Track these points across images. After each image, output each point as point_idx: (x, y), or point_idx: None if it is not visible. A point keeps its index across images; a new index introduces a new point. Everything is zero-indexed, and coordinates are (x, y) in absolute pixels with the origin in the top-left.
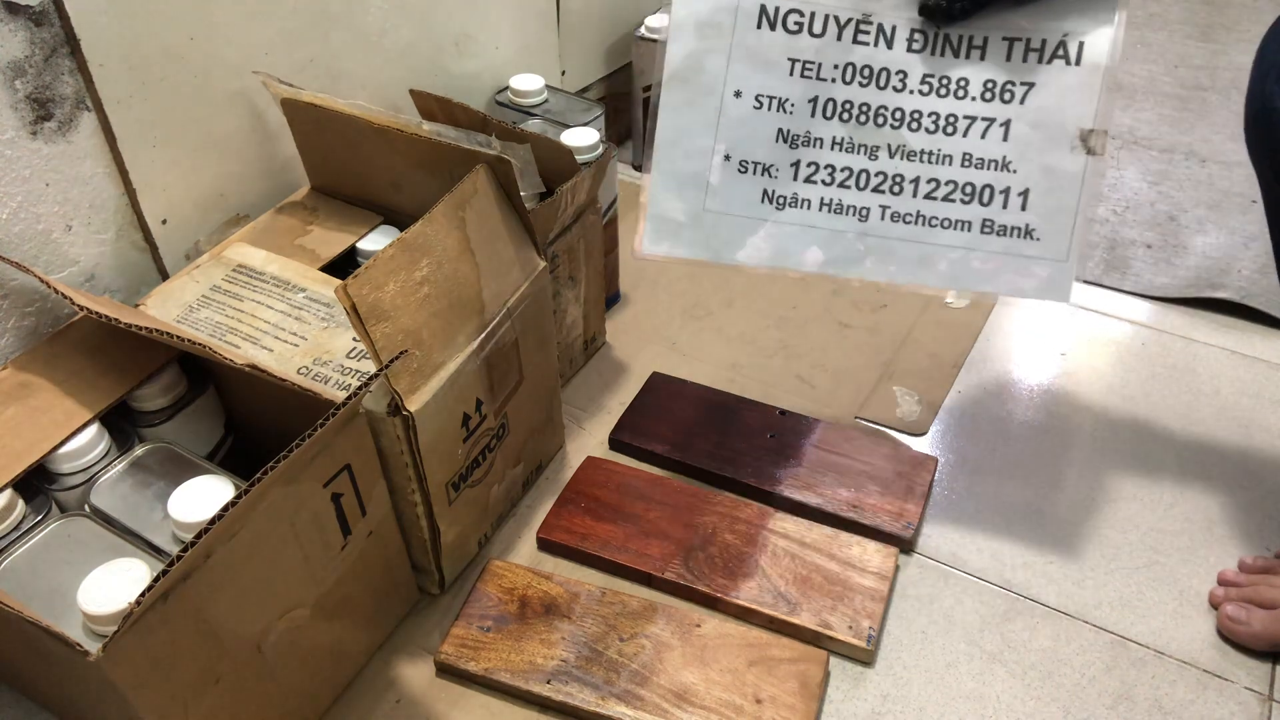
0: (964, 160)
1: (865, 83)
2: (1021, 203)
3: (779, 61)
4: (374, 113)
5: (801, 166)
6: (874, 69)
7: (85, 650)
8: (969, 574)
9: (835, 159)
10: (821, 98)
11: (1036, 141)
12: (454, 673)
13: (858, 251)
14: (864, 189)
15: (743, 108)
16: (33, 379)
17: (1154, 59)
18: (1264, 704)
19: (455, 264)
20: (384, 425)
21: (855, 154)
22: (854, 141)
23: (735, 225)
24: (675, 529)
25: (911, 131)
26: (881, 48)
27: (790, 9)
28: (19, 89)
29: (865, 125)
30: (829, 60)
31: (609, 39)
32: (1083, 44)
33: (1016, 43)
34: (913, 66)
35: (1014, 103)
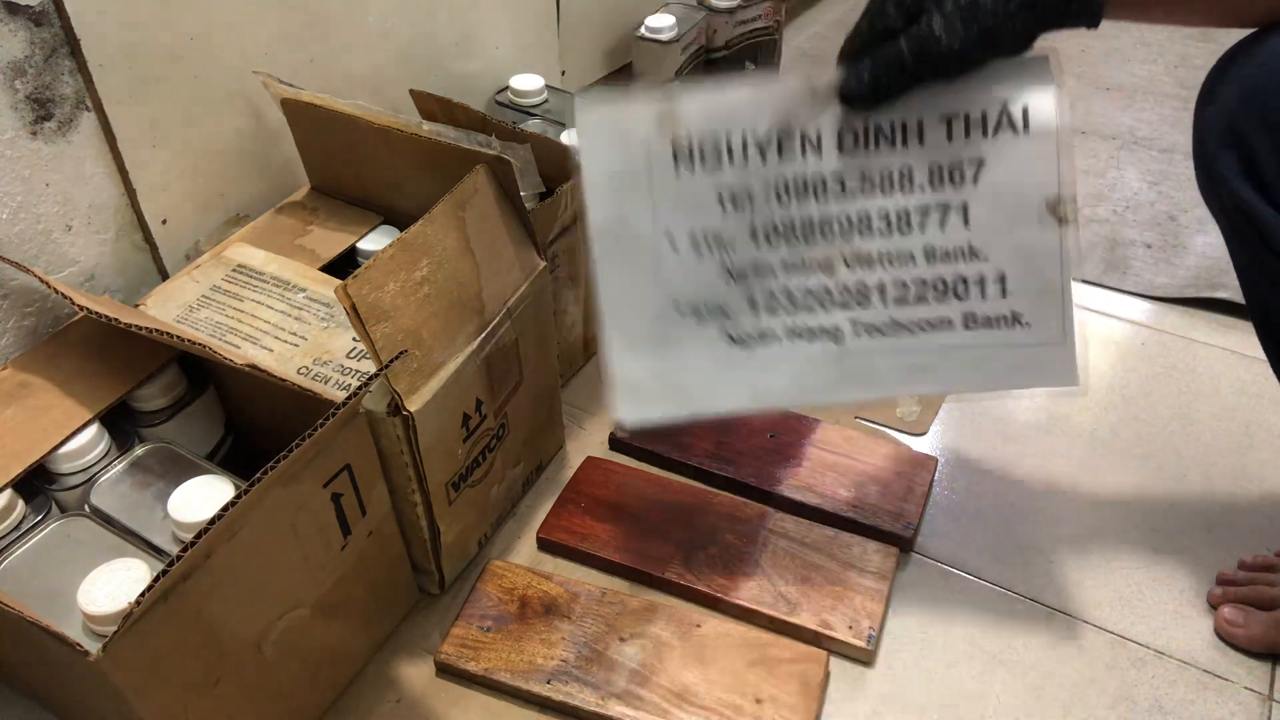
0: (927, 256)
1: (802, 198)
2: (1000, 289)
3: (707, 199)
4: (374, 113)
5: (758, 299)
6: (808, 181)
7: (85, 650)
8: (969, 574)
9: (790, 282)
10: (760, 225)
11: (1000, 221)
12: (454, 673)
13: (840, 375)
14: (828, 308)
15: (680, 254)
16: (33, 379)
17: (1154, 59)
18: (1264, 704)
19: (455, 264)
20: (384, 425)
21: (810, 272)
22: (805, 260)
23: (705, 376)
24: (675, 529)
25: (863, 237)
26: (811, 158)
27: (706, 143)
28: (19, 89)
29: (813, 241)
30: (758, 185)
31: (609, 39)
32: (1027, 109)
33: (955, 119)
34: (848, 168)
35: (966, 184)
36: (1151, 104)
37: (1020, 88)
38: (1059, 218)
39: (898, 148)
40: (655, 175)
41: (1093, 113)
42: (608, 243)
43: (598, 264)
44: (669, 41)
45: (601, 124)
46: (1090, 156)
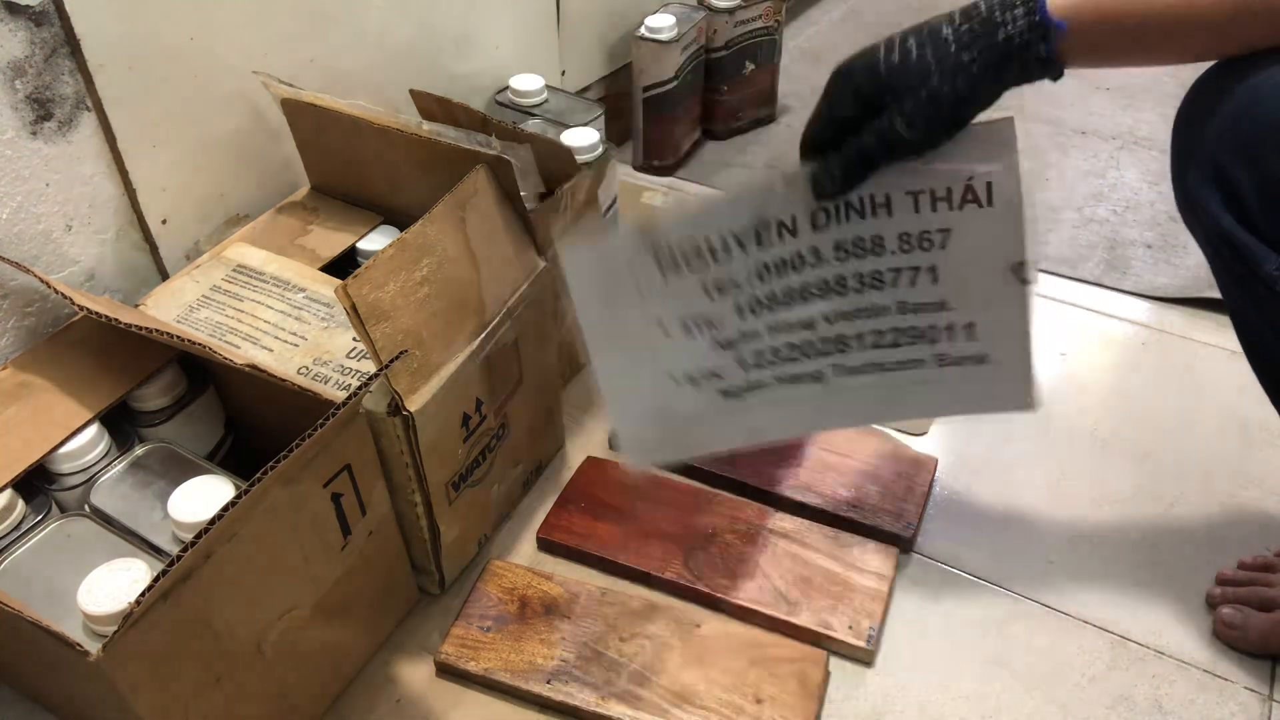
0: (899, 308)
1: (782, 273)
2: (969, 334)
3: (693, 292)
4: (374, 113)
5: (747, 359)
6: (786, 259)
7: (85, 650)
8: (969, 574)
9: (775, 341)
10: (745, 303)
11: (968, 279)
12: (454, 673)
13: (824, 410)
14: (812, 357)
15: (672, 337)
16: (33, 379)
17: None
18: (1264, 704)
19: (455, 264)
20: (384, 425)
21: (792, 332)
22: (786, 322)
23: (705, 425)
24: (675, 529)
25: (840, 296)
26: (788, 240)
27: (685, 250)
28: (19, 89)
29: (792, 306)
30: (740, 271)
31: (609, 39)
32: (990, 184)
33: (921, 195)
34: (823, 242)
35: (934, 249)
36: (1151, 104)
37: (984, 161)
38: (1021, 279)
39: (867, 219)
40: (642, 284)
41: (1093, 113)
42: (601, 343)
43: (593, 355)
44: (669, 41)
45: (588, 265)
46: (1090, 156)
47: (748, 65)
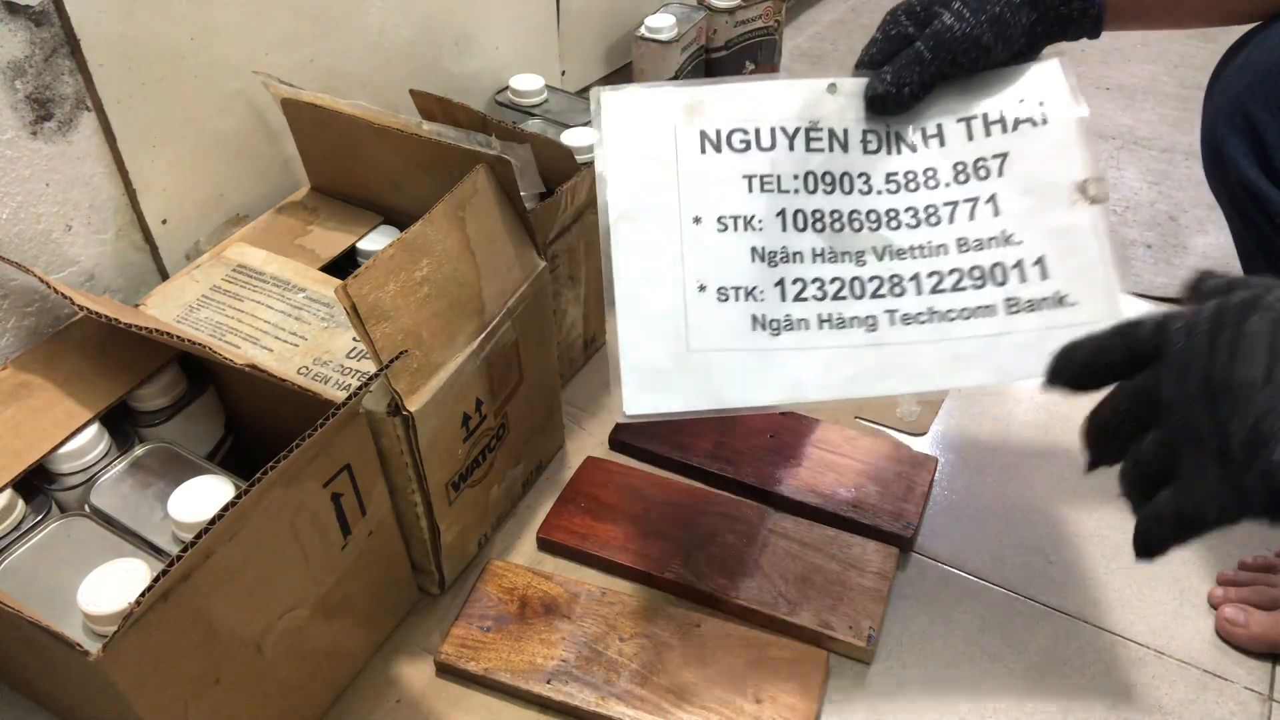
0: (960, 245)
1: (830, 190)
2: (1040, 271)
3: (733, 181)
4: (374, 113)
5: (787, 285)
6: (835, 175)
7: (85, 650)
8: (969, 574)
9: (821, 271)
10: (789, 210)
11: (1031, 207)
12: (454, 673)
13: (878, 367)
14: (862, 297)
15: (706, 233)
16: (33, 379)
17: (1154, 59)
18: (1264, 704)
19: (455, 264)
20: (384, 425)
21: (841, 263)
22: (835, 250)
23: (729, 362)
24: (675, 529)
25: (892, 230)
26: (837, 153)
27: (733, 129)
28: (19, 89)
29: (841, 232)
30: (786, 171)
31: (609, 39)
32: (1043, 102)
33: (973, 120)
34: (873, 168)
35: (992, 177)
36: (1151, 104)
37: (1033, 85)
38: (1090, 198)
39: (919, 151)
40: (682, 158)
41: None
42: (627, 224)
43: (615, 247)
44: (669, 41)
45: (627, 109)
46: None
47: (748, 65)
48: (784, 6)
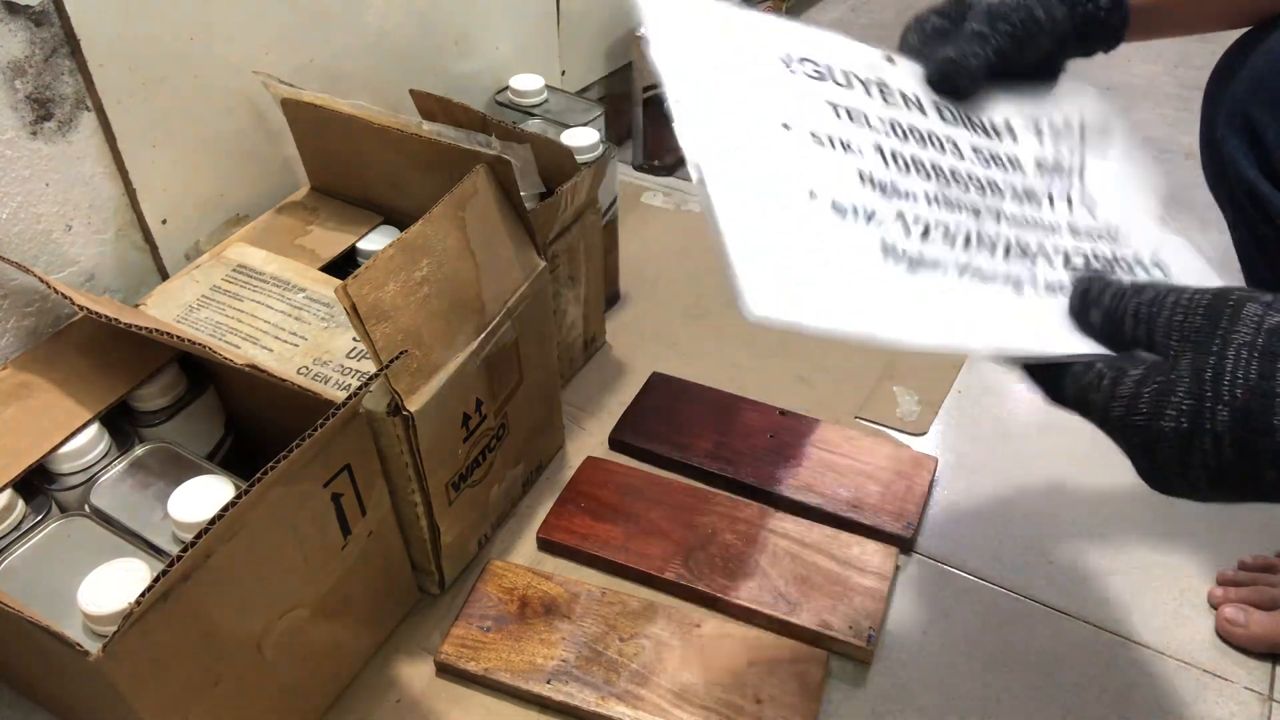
0: (1072, 231)
1: (922, 144)
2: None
3: (819, 102)
4: (374, 113)
5: (909, 221)
6: (922, 131)
7: (85, 650)
8: (969, 574)
9: (942, 216)
10: (886, 147)
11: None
12: (454, 673)
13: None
14: (995, 255)
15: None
16: (33, 379)
17: (1154, 59)
18: (1264, 704)
19: (455, 264)
20: (384, 425)
21: (959, 212)
22: (948, 199)
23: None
24: (675, 529)
25: (998, 199)
26: (915, 113)
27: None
28: (19, 89)
29: (950, 185)
30: (872, 111)
31: (609, 39)
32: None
33: (1040, 121)
34: (958, 137)
35: (1075, 180)
36: (1151, 104)
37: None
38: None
39: (993, 138)
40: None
41: None
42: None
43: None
44: None
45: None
46: None
47: None
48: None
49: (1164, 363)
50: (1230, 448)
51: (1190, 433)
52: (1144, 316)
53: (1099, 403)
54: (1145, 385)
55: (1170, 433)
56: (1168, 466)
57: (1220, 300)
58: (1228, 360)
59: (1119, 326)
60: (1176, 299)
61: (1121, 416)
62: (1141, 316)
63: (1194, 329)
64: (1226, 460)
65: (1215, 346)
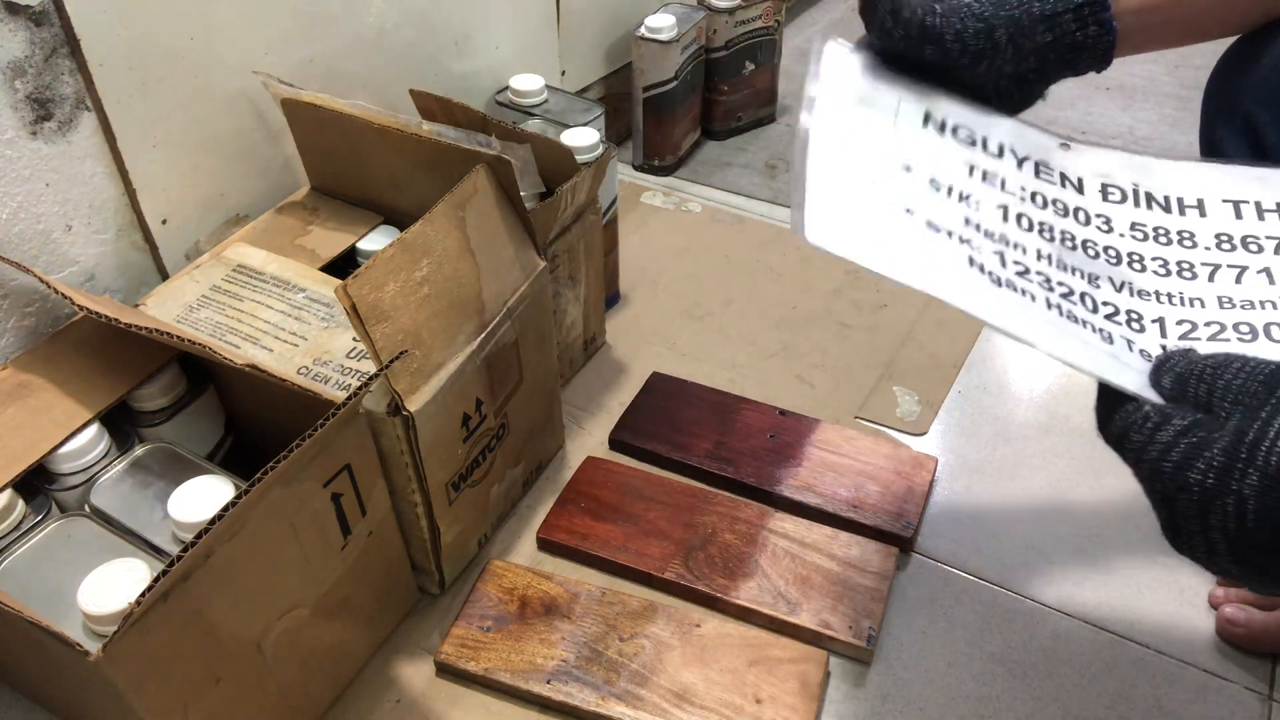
0: (1222, 302)
1: (1061, 214)
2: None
3: (954, 162)
4: (374, 113)
5: (1008, 259)
6: (1066, 204)
7: (85, 650)
8: (969, 574)
9: (1047, 270)
10: (1012, 209)
11: None
12: (454, 673)
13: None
14: (1095, 312)
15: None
16: (33, 379)
17: (1154, 59)
18: (1264, 704)
19: (455, 264)
20: (384, 425)
21: (1069, 274)
22: (1064, 262)
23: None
24: (675, 529)
25: (1134, 271)
26: (1069, 190)
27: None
28: (19, 89)
29: (1074, 251)
30: (1013, 180)
31: (609, 39)
32: None
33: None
34: (1114, 214)
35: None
36: (1151, 104)
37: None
38: None
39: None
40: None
41: (1092, 113)
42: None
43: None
44: (669, 41)
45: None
46: None
47: (747, 65)
48: (784, 6)
49: (1212, 421)
50: (1254, 514)
51: (1215, 490)
52: (1208, 377)
53: (1137, 443)
54: (1186, 436)
55: (1194, 485)
56: (1187, 521)
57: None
58: (1271, 428)
59: (1184, 386)
60: (1243, 364)
61: (1153, 461)
62: (1205, 377)
63: (1249, 394)
64: (1248, 527)
65: (1264, 414)
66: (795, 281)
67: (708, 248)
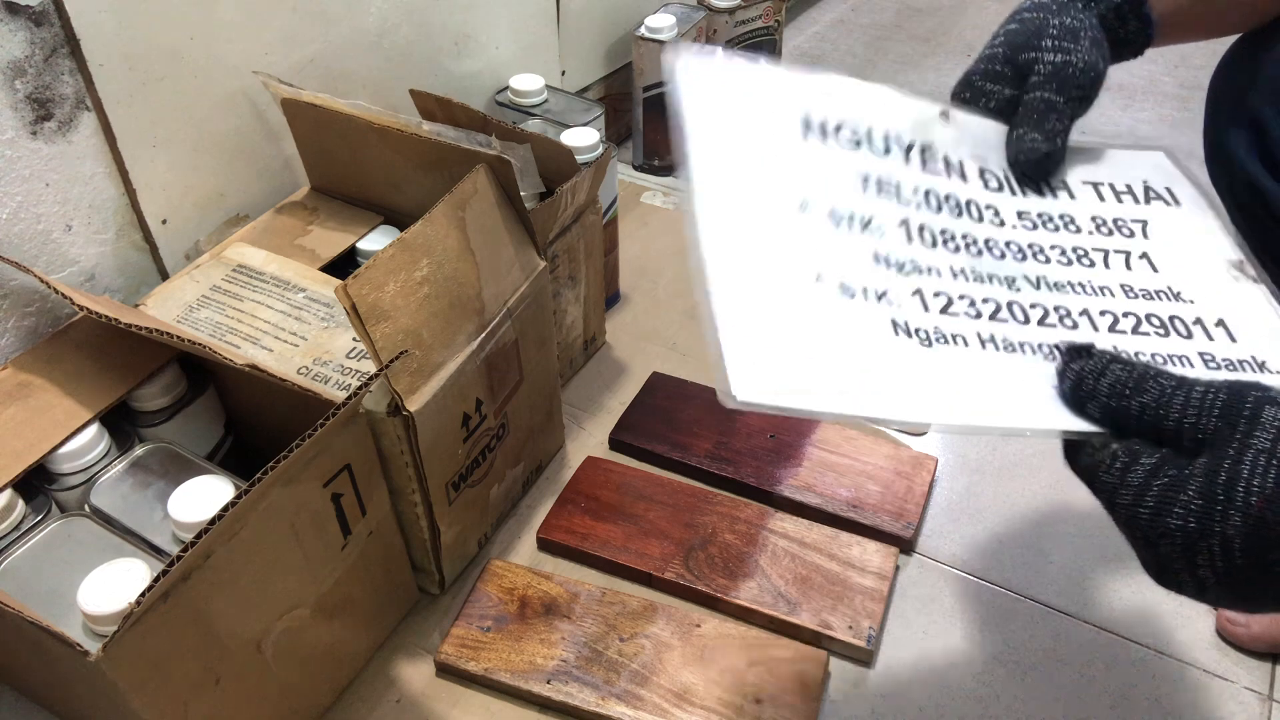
0: (1126, 291)
1: (956, 214)
2: (1226, 334)
3: (844, 175)
4: (374, 113)
5: (927, 296)
6: (959, 200)
7: (85, 650)
8: (969, 574)
9: (968, 290)
10: (913, 222)
11: (1192, 273)
12: (454, 673)
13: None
14: (1027, 323)
15: (816, 223)
16: (33, 379)
17: (1154, 59)
18: (1264, 704)
19: (455, 264)
20: (384, 425)
21: (990, 284)
22: (980, 272)
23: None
24: (675, 529)
25: (1041, 264)
26: (955, 180)
27: (839, 122)
28: (19, 89)
29: (981, 256)
30: (907, 181)
31: (609, 39)
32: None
33: (1100, 185)
34: (1000, 203)
35: (1137, 237)
36: (1151, 104)
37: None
38: (1250, 277)
39: (1048, 198)
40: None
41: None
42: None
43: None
44: (669, 41)
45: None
46: None
47: None
48: (784, 6)
49: (1177, 457)
50: (1241, 555)
51: (1198, 533)
52: (1150, 417)
53: (1108, 485)
54: (1156, 478)
55: (1176, 531)
56: (1172, 563)
57: (1236, 401)
58: (1244, 466)
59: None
60: (1186, 400)
61: (1129, 506)
62: (1148, 417)
63: (1209, 430)
64: (1237, 565)
65: (1232, 450)
66: None
67: None
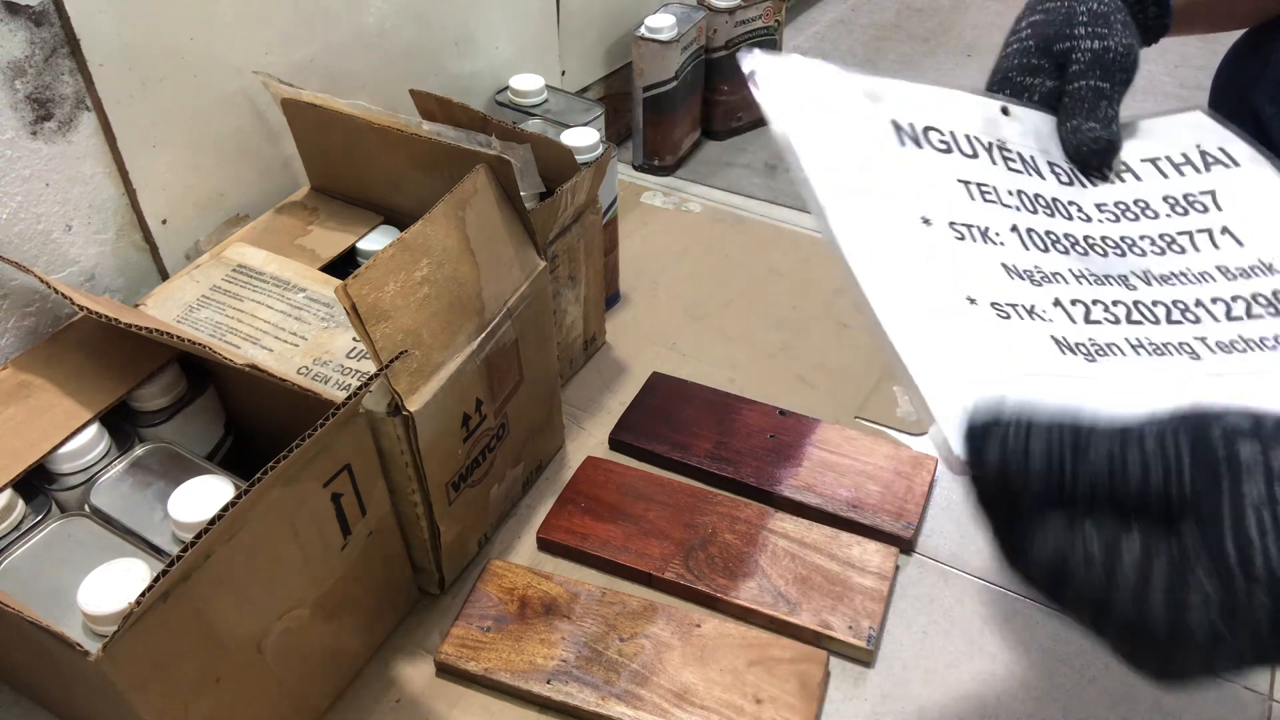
0: (1223, 273)
1: (1049, 213)
2: None
3: (948, 184)
4: (374, 113)
5: (1067, 305)
6: (1045, 198)
7: (85, 650)
8: (969, 574)
9: (1096, 293)
10: (1022, 227)
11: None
12: (454, 673)
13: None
14: (1159, 322)
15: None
16: (33, 379)
17: (1154, 59)
18: (1264, 704)
19: (455, 264)
20: (384, 425)
21: (1110, 285)
22: (1094, 273)
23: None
24: (675, 529)
25: (1139, 257)
26: (1034, 177)
27: (927, 126)
28: (19, 89)
29: (1089, 256)
30: (1000, 185)
31: (609, 39)
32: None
33: (1158, 161)
34: (1078, 198)
35: (1211, 211)
36: (1151, 104)
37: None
38: None
39: (1117, 185)
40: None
41: None
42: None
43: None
44: (669, 41)
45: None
46: None
47: None
48: (784, 6)
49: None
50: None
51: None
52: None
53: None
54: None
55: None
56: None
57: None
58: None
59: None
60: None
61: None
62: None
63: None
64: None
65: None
66: (795, 281)
67: (708, 248)
